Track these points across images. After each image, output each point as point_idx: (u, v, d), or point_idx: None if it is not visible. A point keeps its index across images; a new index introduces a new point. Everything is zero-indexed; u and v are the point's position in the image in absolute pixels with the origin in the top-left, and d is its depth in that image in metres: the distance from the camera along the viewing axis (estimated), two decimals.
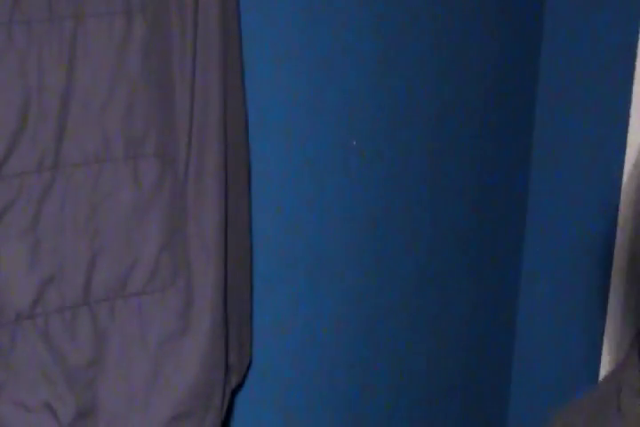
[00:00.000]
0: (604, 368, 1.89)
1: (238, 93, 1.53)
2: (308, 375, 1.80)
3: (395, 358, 1.93)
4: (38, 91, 1.33)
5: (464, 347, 2.07)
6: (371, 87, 1.74)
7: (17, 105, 1.32)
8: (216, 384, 1.54)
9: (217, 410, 1.57)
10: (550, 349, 2.09)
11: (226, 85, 1.48)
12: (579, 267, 1.99)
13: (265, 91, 1.60)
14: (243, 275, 1.62)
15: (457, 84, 1.88)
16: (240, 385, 1.69)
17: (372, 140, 1.77)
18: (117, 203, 1.43)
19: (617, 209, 1.83)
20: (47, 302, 1.40)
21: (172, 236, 1.48)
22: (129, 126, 1.41)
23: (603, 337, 1.90)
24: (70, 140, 1.38)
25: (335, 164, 1.72)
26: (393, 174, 1.82)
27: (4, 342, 1.38)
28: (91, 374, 1.45)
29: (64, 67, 1.34)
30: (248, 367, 1.69)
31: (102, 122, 1.39)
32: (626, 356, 1.01)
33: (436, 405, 2.06)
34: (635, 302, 1.84)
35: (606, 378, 1.03)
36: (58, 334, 1.41)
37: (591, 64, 1.91)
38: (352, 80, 1.71)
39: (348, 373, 1.86)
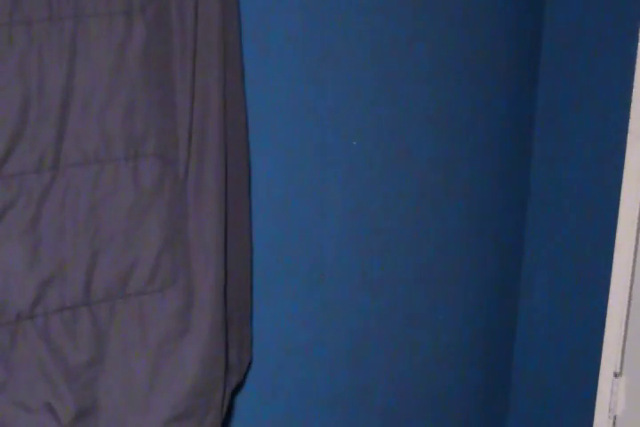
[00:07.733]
0: (605, 368, 1.89)
1: (238, 94, 1.53)
2: (307, 375, 1.80)
3: (395, 358, 1.93)
4: (38, 91, 1.33)
5: (464, 347, 2.07)
6: (372, 87, 1.74)
7: (17, 105, 1.32)
8: (216, 384, 1.54)
9: (217, 410, 1.57)
10: (550, 349, 2.09)
11: (226, 86, 1.48)
12: (579, 266, 1.99)
13: (265, 91, 1.60)
14: (243, 275, 1.62)
15: (457, 84, 1.88)
16: (240, 385, 1.69)
17: (372, 141, 1.77)
18: (117, 203, 1.43)
19: (617, 209, 1.83)
20: (47, 302, 1.40)
21: (172, 236, 1.48)
22: (129, 126, 1.41)
23: (603, 337, 1.90)
24: (70, 140, 1.38)
25: (335, 164, 1.72)
26: (394, 175, 1.82)
27: (4, 342, 1.38)
28: (91, 374, 1.45)
29: (64, 67, 1.34)
30: (248, 367, 1.69)
31: (102, 122, 1.39)
32: None
33: (436, 405, 2.06)
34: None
35: None
36: (58, 334, 1.41)
37: (591, 63, 1.91)
38: (353, 80, 1.71)
39: (348, 373, 1.86)
